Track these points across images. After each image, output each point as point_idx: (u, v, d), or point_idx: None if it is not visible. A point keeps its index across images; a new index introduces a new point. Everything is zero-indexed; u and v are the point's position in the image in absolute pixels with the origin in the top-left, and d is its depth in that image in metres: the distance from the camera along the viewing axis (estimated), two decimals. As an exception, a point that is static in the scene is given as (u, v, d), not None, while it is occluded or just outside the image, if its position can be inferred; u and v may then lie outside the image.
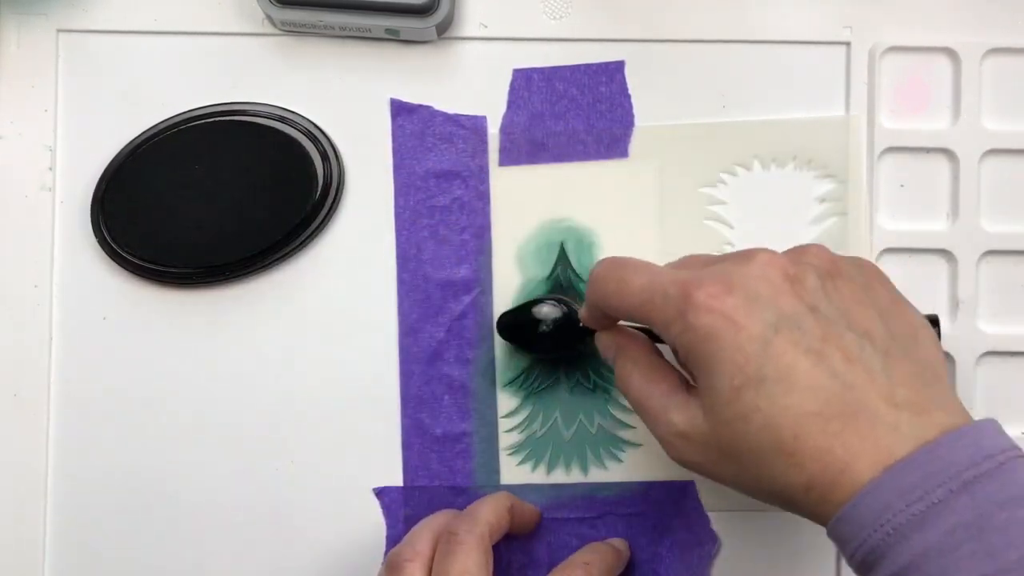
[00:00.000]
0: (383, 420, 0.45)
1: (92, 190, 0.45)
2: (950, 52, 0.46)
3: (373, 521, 0.45)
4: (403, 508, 0.45)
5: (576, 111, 0.46)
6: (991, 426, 0.32)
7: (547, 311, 0.43)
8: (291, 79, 0.46)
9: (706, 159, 0.46)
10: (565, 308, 0.43)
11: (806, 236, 0.46)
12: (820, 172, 0.46)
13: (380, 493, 0.45)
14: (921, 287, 0.46)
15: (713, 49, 0.46)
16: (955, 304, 0.45)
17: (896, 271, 0.45)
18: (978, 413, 0.45)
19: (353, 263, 0.46)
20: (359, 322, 0.46)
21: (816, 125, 0.46)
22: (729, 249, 0.46)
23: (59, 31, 0.46)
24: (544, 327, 0.43)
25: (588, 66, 0.46)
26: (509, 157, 0.46)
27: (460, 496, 0.45)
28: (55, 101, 0.46)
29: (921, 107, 0.46)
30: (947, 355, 0.45)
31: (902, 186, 0.46)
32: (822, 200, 0.46)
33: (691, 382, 0.36)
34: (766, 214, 0.46)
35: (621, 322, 0.40)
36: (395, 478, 0.45)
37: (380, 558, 0.45)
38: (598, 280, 0.38)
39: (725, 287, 0.33)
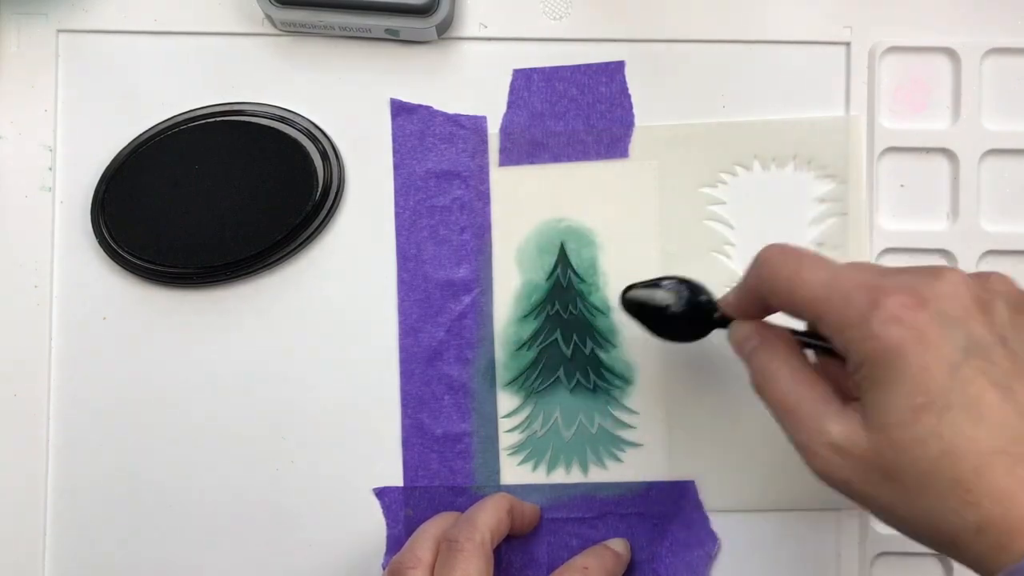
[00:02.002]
0: (383, 420, 0.45)
1: (92, 190, 0.45)
2: (950, 52, 0.46)
3: (373, 521, 0.45)
4: (403, 508, 0.45)
5: (576, 111, 0.46)
6: None
7: (680, 291, 0.40)
8: (291, 79, 0.46)
9: (706, 159, 0.46)
10: (691, 290, 0.40)
11: (806, 236, 0.46)
12: (820, 172, 0.46)
13: (380, 493, 0.45)
14: (921, 287, 0.46)
15: (713, 49, 0.46)
16: (955, 304, 0.45)
17: (896, 271, 0.46)
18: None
19: (353, 263, 0.46)
20: (359, 322, 0.46)
21: (816, 125, 0.46)
22: (729, 249, 0.46)
23: (59, 31, 0.46)
24: (674, 308, 0.40)
25: (588, 66, 0.46)
26: (509, 157, 0.46)
27: (460, 496, 0.45)
28: (55, 101, 0.46)
29: (921, 107, 0.46)
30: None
31: (902, 186, 0.46)
32: (822, 200, 0.46)
33: (848, 393, 0.34)
34: (766, 214, 0.46)
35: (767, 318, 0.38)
36: (395, 478, 0.45)
37: (380, 558, 0.45)
38: (769, 265, 0.35)
39: (918, 300, 0.31)
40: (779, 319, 0.37)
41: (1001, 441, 0.30)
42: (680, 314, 0.40)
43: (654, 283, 0.40)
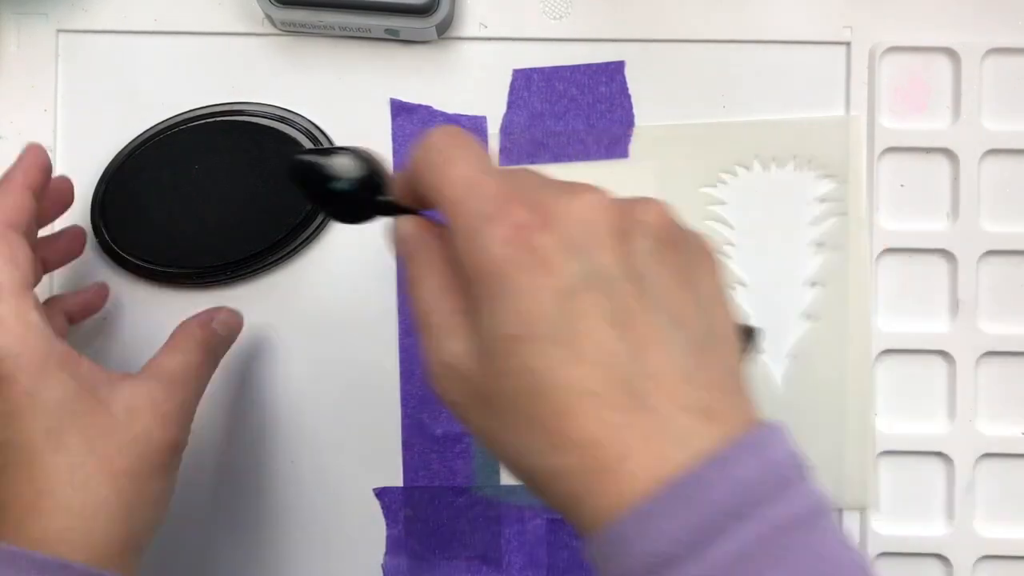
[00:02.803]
0: (383, 420, 0.45)
1: (92, 191, 0.45)
2: (950, 52, 0.46)
3: (373, 521, 0.45)
4: (403, 508, 0.45)
5: (576, 111, 0.46)
6: (777, 432, 0.28)
7: (347, 165, 0.34)
8: (291, 79, 0.46)
9: (706, 159, 0.46)
10: (368, 166, 0.34)
11: (806, 236, 0.46)
12: (820, 172, 0.46)
13: (380, 493, 0.45)
14: (921, 287, 0.46)
15: (713, 49, 0.46)
16: (955, 304, 0.45)
17: (896, 271, 0.46)
18: (978, 413, 0.45)
19: (353, 263, 0.46)
20: (359, 322, 0.45)
21: (816, 125, 0.46)
22: (729, 249, 0.46)
23: (59, 31, 0.46)
24: (340, 184, 0.34)
25: (588, 66, 0.46)
26: (509, 157, 0.46)
27: (460, 496, 0.45)
28: (55, 101, 0.46)
29: (921, 107, 0.46)
30: (947, 354, 0.45)
31: (902, 186, 0.46)
32: (822, 200, 0.46)
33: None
34: (766, 214, 0.46)
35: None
36: (395, 478, 0.45)
37: (380, 558, 0.45)
38: (426, 147, 0.30)
39: (542, 220, 0.28)
40: None
41: (598, 382, 0.27)
42: (347, 191, 0.34)
43: (328, 151, 0.35)
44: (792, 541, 0.26)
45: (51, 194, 0.40)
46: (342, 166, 0.34)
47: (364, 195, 0.34)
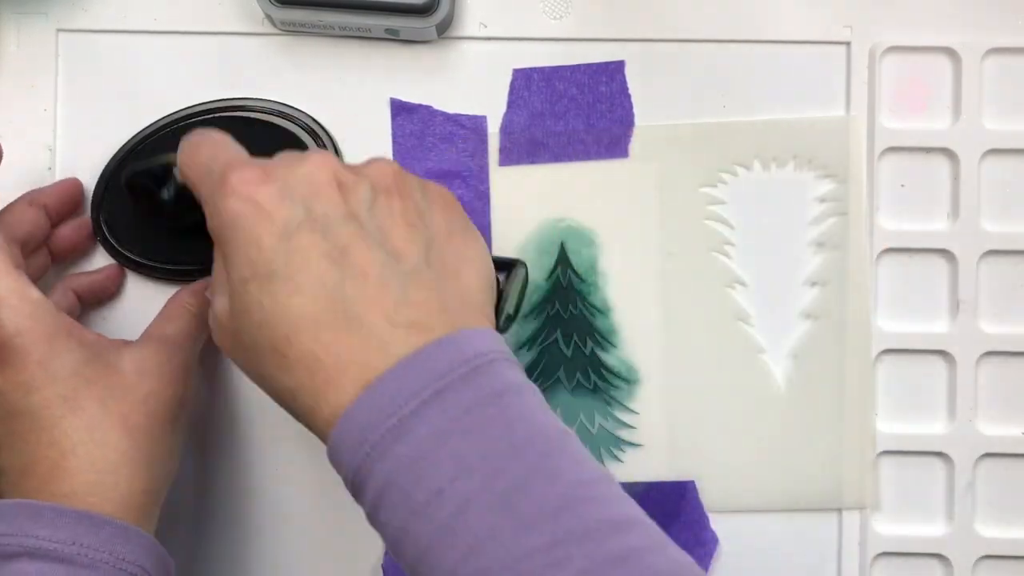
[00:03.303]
0: (383, 420, 0.45)
1: (92, 189, 0.45)
2: (950, 52, 0.46)
3: (373, 521, 0.45)
4: (403, 508, 0.45)
5: (576, 111, 0.46)
6: (478, 333, 0.32)
7: (168, 176, 0.40)
8: (291, 79, 0.46)
9: (706, 159, 0.46)
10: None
11: (806, 236, 0.46)
12: (820, 172, 0.46)
13: (380, 493, 0.45)
14: (921, 287, 0.46)
15: (713, 49, 0.46)
16: (955, 304, 0.45)
17: (896, 271, 0.46)
18: (978, 413, 0.45)
19: (353, 263, 0.46)
20: (359, 322, 0.45)
21: (816, 125, 0.46)
22: (729, 249, 0.46)
23: (59, 31, 0.46)
24: (166, 193, 0.40)
25: (588, 66, 0.46)
26: (509, 157, 0.46)
27: (460, 496, 0.45)
28: (55, 101, 0.46)
29: (921, 107, 0.46)
30: (947, 354, 0.45)
31: (902, 186, 0.46)
32: (822, 200, 0.46)
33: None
34: (766, 214, 0.46)
35: None
36: (395, 478, 0.45)
37: (380, 558, 0.45)
38: (181, 149, 0.37)
39: (262, 176, 0.33)
40: None
41: (313, 308, 0.31)
42: (170, 200, 0.40)
43: (150, 166, 0.41)
44: (482, 417, 0.30)
45: (58, 195, 0.43)
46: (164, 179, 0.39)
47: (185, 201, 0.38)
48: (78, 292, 0.43)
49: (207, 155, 0.35)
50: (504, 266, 0.38)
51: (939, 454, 0.45)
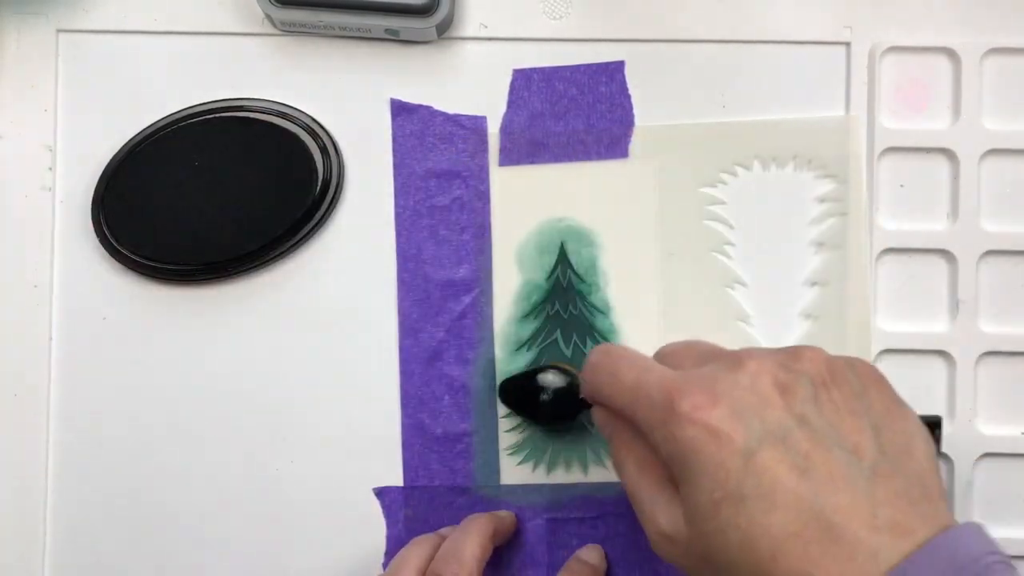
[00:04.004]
0: (383, 420, 0.45)
1: (92, 190, 0.45)
2: (950, 52, 0.46)
3: (373, 521, 0.45)
4: (403, 508, 0.45)
5: (576, 111, 0.46)
6: (969, 532, 0.31)
7: (550, 379, 0.43)
8: (291, 79, 0.46)
9: (706, 159, 0.46)
10: (568, 377, 0.43)
11: (806, 236, 0.46)
12: (820, 172, 0.46)
13: (380, 493, 0.45)
14: (921, 287, 0.46)
15: (713, 49, 0.46)
16: (955, 304, 0.45)
17: (896, 271, 0.46)
18: (978, 413, 0.45)
19: (353, 263, 0.46)
20: (359, 322, 0.46)
21: (816, 125, 0.46)
22: (729, 249, 0.46)
23: (59, 31, 0.46)
24: (545, 396, 0.43)
25: (588, 66, 0.46)
26: (509, 157, 0.46)
27: (460, 496, 0.45)
28: (55, 101, 0.46)
29: (921, 107, 0.46)
30: (946, 354, 0.45)
31: (902, 186, 0.46)
32: (822, 200, 0.46)
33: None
34: (766, 214, 0.46)
35: None
36: (395, 478, 0.45)
37: (380, 558, 0.45)
38: (591, 370, 0.37)
39: (710, 398, 0.32)
40: None
41: (795, 525, 0.30)
42: (552, 400, 0.43)
43: (528, 374, 0.44)
44: None
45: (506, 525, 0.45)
46: (546, 381, 0.43)
47: (565, 400, 0.43)
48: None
49: (631, 379, 0.35)
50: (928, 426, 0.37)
51: (939, 454, 0.45)
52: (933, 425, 0.38)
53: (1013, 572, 0.30)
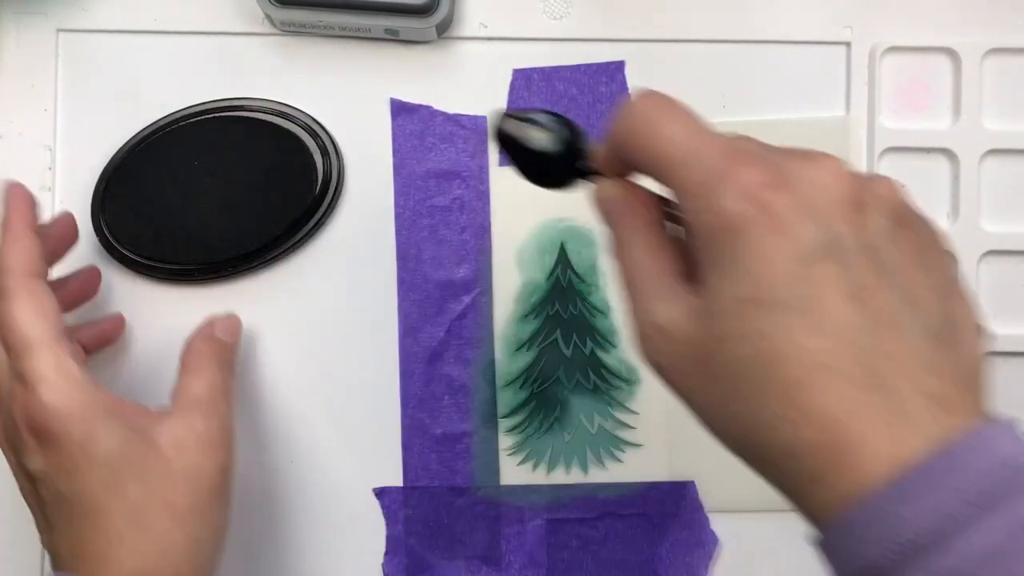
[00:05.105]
0: (383, 420, 0.45)
1: (92, 189, 0.45)
2: (950, 52, 0.46)
3: (373, 521, 0.45)
4: (403, 508, 0.45)
5: (576, 111, 0.46)
6: (1010, 432, 0.27)
7: (547, 130, 0.34)
8: (291, 79, 0.46)
9: (706, 159, 0.46)
10: (569, 133, 0.34)
11: (806, 236, 0.46)
12: (820, 172, 0.46)
13: (380, 493, 0.45)
14: (921, 287, 0.46)
15: (713, 49, 0.46)
16: (955, 304, 0.45)
17: (896, 271, 0.46)
18: (978, 413, 0.45)
19: (352, 262, 0.46)
20: (359, 322, 0.45)
21: (816, 125, 0.46)
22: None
23: (59, 31, 0.46)
24: (540, 144, 0.34)
25: (588, 66, 0.46)
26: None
27: (460, 496, 0.45)
28: (55, 101, 0.46)
29: (921, 107, 0.46)
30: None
31: (902, 186, 0.46)
32: (822, 200, 0.46)
33: (695, 274, 0.29)
34: (766, 214, 0.46)
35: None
36: (395, 478, 0.45)
37: (380, 558, 0.45)
38: (632, 113, 0.29)
39: (779, 180, 0.26)
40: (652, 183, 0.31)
41: (837, 356, 0.25)
42: (551, 155, 0.34)
43: (530, 117, 0.35)
44: None
45: (57, 231, 0.41)
46: (547, 123, 0.34)
47: (567, 157, 0.34)
48: (84, 343, 0.42)
49: (682, 133, 0.28)
50: None
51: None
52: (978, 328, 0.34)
53: None
